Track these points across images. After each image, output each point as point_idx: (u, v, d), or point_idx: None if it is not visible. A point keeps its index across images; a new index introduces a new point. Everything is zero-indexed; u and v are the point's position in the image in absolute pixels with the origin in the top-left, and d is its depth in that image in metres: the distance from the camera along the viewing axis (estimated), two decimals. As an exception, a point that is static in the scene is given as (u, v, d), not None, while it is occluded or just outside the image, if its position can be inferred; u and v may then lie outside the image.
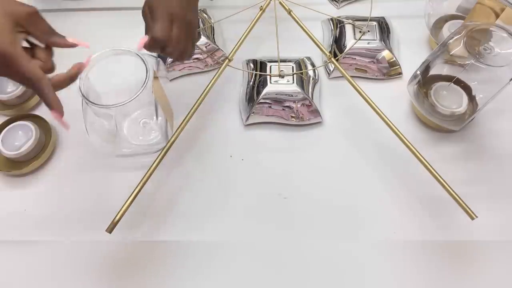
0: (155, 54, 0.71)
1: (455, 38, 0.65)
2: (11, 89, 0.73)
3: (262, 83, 0.71)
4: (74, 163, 0.70)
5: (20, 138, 0.67)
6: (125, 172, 0.68)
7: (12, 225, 0.65)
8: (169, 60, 0.75)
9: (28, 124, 0.69)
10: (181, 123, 0.60)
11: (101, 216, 0.57)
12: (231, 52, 0.65)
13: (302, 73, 0.73)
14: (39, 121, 0.71)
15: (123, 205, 0.55)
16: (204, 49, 0.77)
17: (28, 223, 0.65)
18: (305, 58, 0.76)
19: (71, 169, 0.70)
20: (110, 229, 0.54)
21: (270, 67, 0.74)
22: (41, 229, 0.65)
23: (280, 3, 0.68)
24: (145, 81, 0.58)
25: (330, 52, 0.76)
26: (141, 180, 0.56)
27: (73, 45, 0.49)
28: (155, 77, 0.61)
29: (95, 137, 0.64)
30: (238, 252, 0.62)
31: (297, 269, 0.61)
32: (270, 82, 0.71)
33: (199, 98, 0.61)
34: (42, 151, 0.69)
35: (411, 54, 0.79)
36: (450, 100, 0.68)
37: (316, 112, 0.72)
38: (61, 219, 0.65)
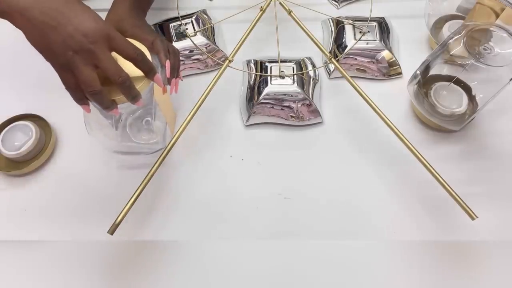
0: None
1: (455, 38, 0.65)
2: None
3: (263, 84, 0.71)
4: (74, 163, 0.70)
5: (20, 138, 0.67)
6: (125, 173, 0.68)
7: (12, 225, 0.65)
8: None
9: (28, 124, 0.69)
10: (182, 124, 0.60)
11: (101, 216, 0.57)
12: (231, 53, 0.65)
13: (302, 74, 0.73)
14: (39, 121, 0.71)
15: (124, 206, 0.54)
16: (205, 50, 0.77)
17: (28, 223, 0.65)
18: (305, 59, 0.76)
19: (71, 169, 0.70)
20: (111, 231, 0.53)
21: (271, 67, 0.74)
22: (41, 229, 0.65)
23: (280, 3, 0.68)
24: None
25: (330, 52, 0.76)
26: (142, 182, 0.56)
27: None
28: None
29: (95, 133, 0.64)
30: (239, 252, 0.62)
31: (297, 269, 0.61)
32: (271, 83, 0.71)
33: (200, 99, 0.61)
34: (42, 151, 0.69)
35: (411, 54, 0.79)
36: (450, 100, 0.68)
37: (316, 112, 0.72)
38: (61, 219, 0.65)
